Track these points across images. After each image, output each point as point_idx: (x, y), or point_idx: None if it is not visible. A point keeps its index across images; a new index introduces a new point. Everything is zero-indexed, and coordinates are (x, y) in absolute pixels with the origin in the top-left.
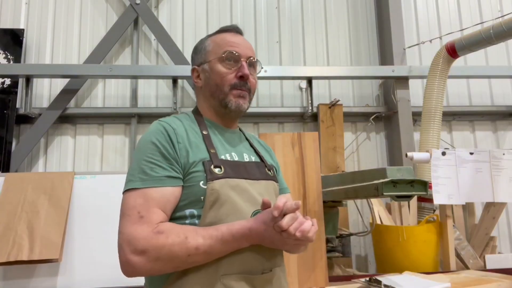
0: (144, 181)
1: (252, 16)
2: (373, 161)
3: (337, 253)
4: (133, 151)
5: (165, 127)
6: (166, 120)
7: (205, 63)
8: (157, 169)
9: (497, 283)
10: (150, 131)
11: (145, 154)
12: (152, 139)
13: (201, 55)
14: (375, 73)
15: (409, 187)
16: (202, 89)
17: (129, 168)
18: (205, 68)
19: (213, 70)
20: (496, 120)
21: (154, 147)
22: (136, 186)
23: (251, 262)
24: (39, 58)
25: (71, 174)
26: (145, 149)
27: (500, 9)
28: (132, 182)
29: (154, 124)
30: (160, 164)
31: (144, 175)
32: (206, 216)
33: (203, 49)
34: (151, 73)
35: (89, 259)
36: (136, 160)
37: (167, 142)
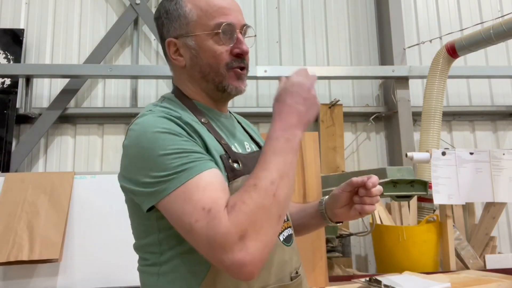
0: (188, 171)
1: (252, 16)
2: (373, 161)
3: (337, 253)
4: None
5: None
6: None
7: (189, 37)
8: (193, 154)
9: (497, 283)
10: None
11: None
12: (159, 129)
13: (180, 23)
14: (375, 73)
15: (409, 187)
16: (186, 69)
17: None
18: (189, 44)
19: (202, 48)
20: (496, 120)
21: (171, 135)
22: (183, 181)
23: (282, 268)
24: (39, 58)
25: (71, 174)
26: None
27: (500, 9)
28: (174, 181)
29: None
30: (192, 148)
31: (183, 166)
32: None
33: (182, 16)
34: (151, 73)
35: (89, 259)
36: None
37: (178, 127)
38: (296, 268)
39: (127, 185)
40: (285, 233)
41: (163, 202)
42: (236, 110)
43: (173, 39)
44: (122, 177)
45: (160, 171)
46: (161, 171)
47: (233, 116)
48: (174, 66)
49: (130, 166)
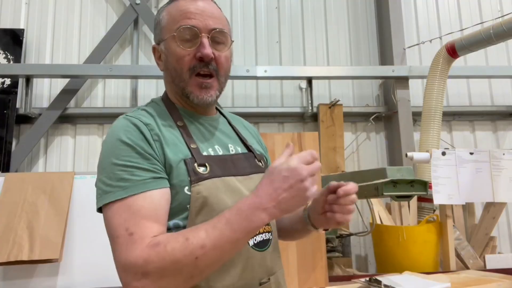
0: (125, 189)
1: (252, 16)
2: (373, 161)
3: (337, 253)
4: None
5: (135, 122)
6: (133, 115)
7: (162, 42)
8: (137, 172)
9: (497, 283)
10: (116, 129)
11: (117, 157)
12: (122, 137)
13: (158, 30)
14: (375, 73)
15: (409, 187)
16: (164, 73)
17: (99, 179)
18: (162, 49)
19: (169, 51)
20: (496, 120)
21: (128, 147)
22: (117, 197)
23: (246, 274)
24: (39, 58)
25: (71, 174)
26: (117, 151)
27: (500, 9)
28: (111, 194)
29: (120, 120)
30: (140, 165)
31: (124, 182)
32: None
33: (159, 23)
34: (151, 73)
35: (89, 259)
36: (107, 167)
37: (141, 139)
38: (269, 274)
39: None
40: (258, 238)
41: (104, 207)
42: (236, 110)
43: (155, 45)
44: None
45: (107, 178)
46: (108, 179)
47: (225, 117)
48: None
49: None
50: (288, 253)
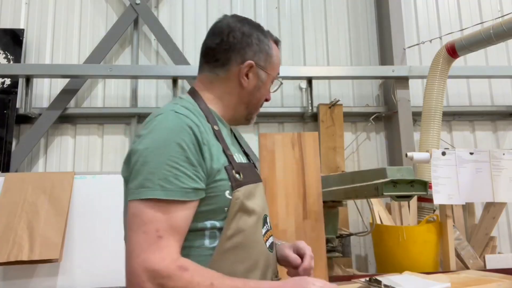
0: (166, 191)
1: (252, 16)
2: (373, 161)
3: (337, 253)
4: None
5: (190, 124)
6: (186, 114)
7: (264, 72)
8: (182, 177)
9: (497, 283)
10: (170, 126)
11: (168, 156)
12: (177, 139)
13: (266, 58)
14: (375, 73)
15: (409, 187)
16: (239, 89)
17: (141, 170)
18: (261, 76)
19: (265, 86)
20: (496, 120)
21: (180, 150)
22: (156, 196)
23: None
24: (39, 58)
25: (71, 174)
26: (169, 151)
27: (500, 9)
28: (151, 190)
29: (171, 116)
30: (186, 171)
31: (167, 183)
32: (228, 228)
33: (269, 54)
34: (151, 73)
35: (89, 259)
36: (154, 162)
37: (193, 143)
38: (275, 272)
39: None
40: (270, 241)
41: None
42: None
43: (253, 63)
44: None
45: (149, 173)
46: (150, 174)
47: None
48: (229, 81)
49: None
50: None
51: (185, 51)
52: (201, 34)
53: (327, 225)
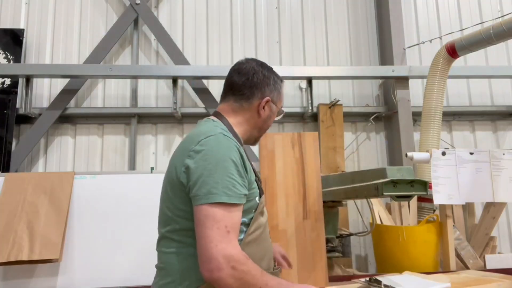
0: (229, 197)
1: (252, 16)
2: (373, 161)
3: (337, 253)
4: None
5: (236, 145)
6: (231, 137)
7: (275, 105)
8: (238, 186)
9: (497, 283)
10: (224, 146)
11: (227, 170)
12: (232, 156)
13: (277, 95)
14: (375, 73)
15: (409, 187)
16: (257, 118)
17: (204, 181)
18: (272, 109)
19: (273, 116)
20: (496, 120)
21: (234, 165)
22: (223, 201)
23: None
24: (39, 58)
25: (71, 174)
26: (226, 165)
27: (500, 9)
28: (218, 196)
29: (222, 137)
30: (239, 181)
31: (229, 191)
32: (253, 224)
33: (280, 92)
34: (151, 73)
35: (89, 259)
36: (217, 174)
37: (240, 160)
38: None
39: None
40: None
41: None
42: None
43: (270, 99)
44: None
45: (215, 183)
46: (215, 183)
47: None
48: (251, 111)
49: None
50: (288, 253)
51: (185, 51)
52: (201, 34)
53: (327, 225)
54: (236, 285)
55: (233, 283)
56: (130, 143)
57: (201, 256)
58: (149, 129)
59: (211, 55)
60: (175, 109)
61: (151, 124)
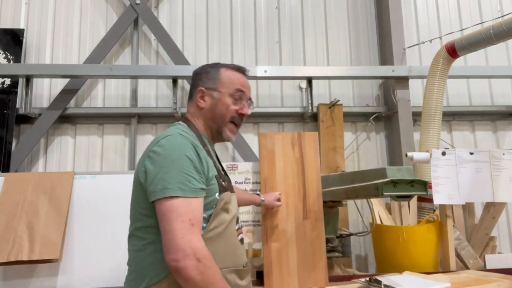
0: (184, 191)
1: (252, 16)
2: (373, 161)
3: (337, 253)
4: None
5: (192, 143)
6: (189, 136)
7: (215, 91)
8: (193, 181)
9: (497, 283)
10: (180, 144)
11: (181, 166)
12: (187, 153)
13: (213, 81)
14: (375, 73)
15: (409, 187)
16: (203, 110)
17: (161, 177)
18: (213, 95)
19: (221, 101)
20: (496, 120)
21: (189, 161)
22: (177, 195)
23: (237, 258)
24: (39, 58)
25: (71, 174)
26: (181, 162)
27: (500, 9)
28: (172, 190)
29: (179, 137)
30: (195, 177)
31: (183, 186)
32: (213, 220)
33: (216, 77)
34: (151, 73)
35: (89, 259)
36: (171, 171)
37: (196, 157)
38: (245, 261)
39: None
40: (240, 236)
41: (164, 199)
42: None
43: (204, 88)
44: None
45: (169, 178)
46: (170, 179)
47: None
48: (195, 105)
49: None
50: (288, 253)
51: (185, 51)
52: (201, 34)
53: (327, 225)
54: (198, 278)
55: (195, 275)
56: (130, 143)
57: (167, 248)
58: (149, 129)
59: (211, 55)
60: (175, 109)
61: (151, 124)
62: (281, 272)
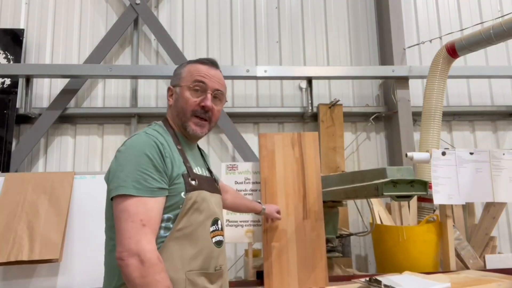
0: (138, 190)
1: (252, 16)
2: (373, 161)
3: (337, 253)
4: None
5: (155, 141)
6: (153, 134)
7: (177, 87)
8: (150, 180)
9: (497, 283)
10: (141, 143)
11: (138, 164)
12: (146, 151)
13: (177, 78)
14: (375, 73)
15: (409, 187)
16: (171, 108)
17: (117, 175)
18: (176, 91)
19: (181, 95)
20: (496, 120)
21: (148, 159)
22: (131, 193)
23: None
24: (39, 58)
25: (71, 174)
26: (139, 160)
27: (500, 9)
28: (125, 188)
29: (143, 136)
30: (153, 176)
31: (138, 184)
32: (180, 221)
33: (179, 73)
34: (151, 73)
35: (89, 259)
36: (127, 169)
37: (158, 155)
38: (220, 264)
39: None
40: (217, 238)
41: (118, 197)
42: (236, 111)
43: (171, 87)
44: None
45: (125, 176)
46: (125, 177)
47: (199, 149)
48: (168, 104)
49: (116, 166)
50: (288, 253)
51: (185, 51)
52: (201, 34)
53: (327, 225)
54: (138, 281)
55: (136, 277)
56: None
57: (116, 247)
58: None
59: (211, 55)
60: None
61: None
62: (281, 272)
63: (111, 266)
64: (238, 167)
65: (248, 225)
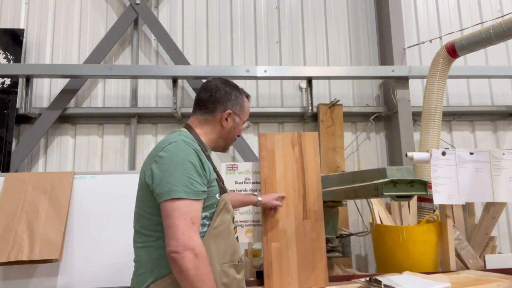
0: (188, 193)
1: (252, 16)
2: (373, 161)
3: (337, 253)
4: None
5: (194, 149)
6: (190, 142)
7: (238, 117)
8: (196, 184)
9: (497, 283)
10: (182, 150)
11: (185, 170)
12: (190, 159)
13: (240, 108)
14: (375, 73)
15: (409, 187)
16: (223, 129)
17: (166, 180)
18: (236, 120)
19: (239, 127)
20: (496, 120)
21: (192, 166)
22: (182, 196)
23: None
24: (39, 58)
25: (71, 174)
26: (184, 166)
27: (500, 9)
28: (178, 192)
29: (182, 144)
30: (197, 180)
31: (187, 188)
32: (216, 219)
33: (242, 105)
34: (151, 73)
35: (89, 259)
36: (176, 175)
37: (198, 162)
38: (241, 256)
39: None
40: (236, 234)
41: (170, 200)
42: None
43: (232, 111)
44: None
45: (175, 181)
46: (175, 182)
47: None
48: (214, 123)
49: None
50: (288, 253)
51: (185, 51)
52: (201, 34)
53: (327, 225)
54: (192, 272)
55: (191, 268)
56: (130, 143)
57: (168, 242)
58: (149, 129)
59: (211, 55)
60: (175, 109)
61: (151, 124)
62: (281, 272)
63: (148, 261)
64: (238, 167)
65: (248, 225)
